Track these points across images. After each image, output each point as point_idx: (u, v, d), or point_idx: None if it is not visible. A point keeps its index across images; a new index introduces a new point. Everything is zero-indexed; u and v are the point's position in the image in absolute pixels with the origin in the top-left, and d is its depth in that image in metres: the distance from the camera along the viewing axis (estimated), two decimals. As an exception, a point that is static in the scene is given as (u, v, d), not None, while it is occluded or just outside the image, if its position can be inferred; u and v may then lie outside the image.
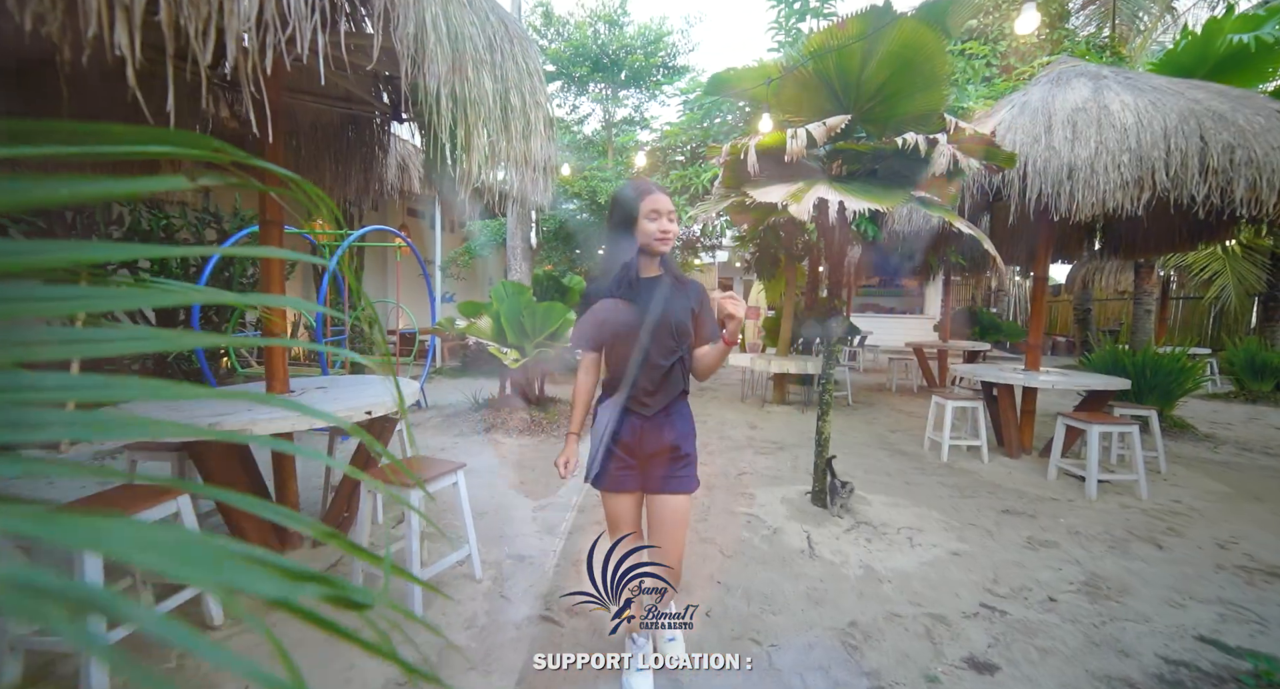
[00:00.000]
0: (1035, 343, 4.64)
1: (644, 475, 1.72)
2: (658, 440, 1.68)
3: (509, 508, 3.33)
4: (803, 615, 2.25)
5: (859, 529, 3.13)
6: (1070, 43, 9.01)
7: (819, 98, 3.07)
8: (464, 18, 1.77)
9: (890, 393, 8.17)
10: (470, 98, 1.77)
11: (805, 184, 2.84)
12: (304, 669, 1.88)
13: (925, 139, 2.57)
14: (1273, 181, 3.11)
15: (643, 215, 1.61)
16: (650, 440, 1.68)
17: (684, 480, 1.69)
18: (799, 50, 3.54)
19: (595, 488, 1.74)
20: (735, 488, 3.79)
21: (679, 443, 1.69)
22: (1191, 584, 2.51)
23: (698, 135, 7.54)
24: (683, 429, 1.71)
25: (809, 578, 2.55)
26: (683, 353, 1.69)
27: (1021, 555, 2.83)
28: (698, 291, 1.73)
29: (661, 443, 1.68)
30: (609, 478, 1.71)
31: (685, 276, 1.74)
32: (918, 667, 1.94)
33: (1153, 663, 1.94)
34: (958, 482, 4.03)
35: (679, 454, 1.69)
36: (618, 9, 8.63)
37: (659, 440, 1.68)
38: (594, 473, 1.73)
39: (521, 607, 2.27)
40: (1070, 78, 3.95)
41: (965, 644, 2.07)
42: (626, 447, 1.69)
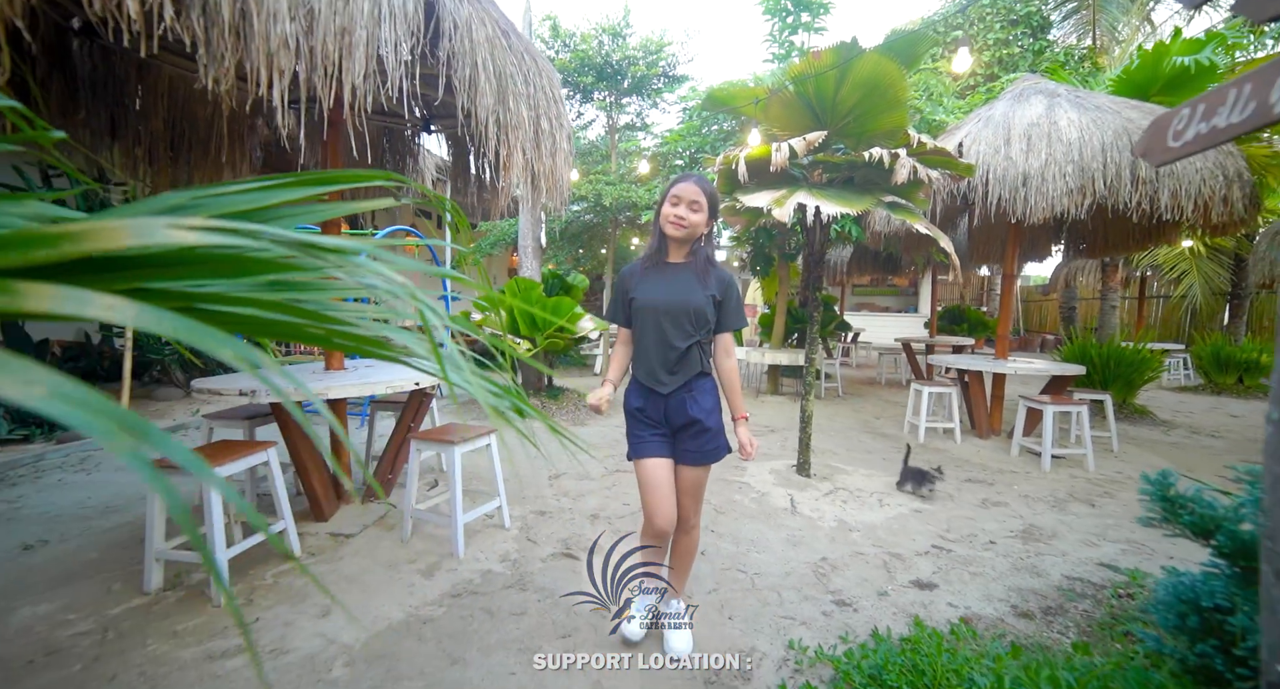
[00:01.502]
0: (1004, 334, 5.08)
1: (675, 446, 1.78)
2: (683, 416, 1.73)
3: (529, 476, 3.76)
4: (782, 553, 2.68)
5: (837, 493, 3.56)
6: (1051, 53, 9.46)
7: (800, 115, 3.51)
8: (506, 59, 2.21)
9: (880, 386, 8.61)
10: (510, 124, 2.21)
11: (788, 191, 3.27)
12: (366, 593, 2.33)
13: (889, 153, 3.01)
14: (1189, 191, 3.57)
15: (667, 200, 1.71)
16: (676, 416, 1.74)
17: (709, 454, 1.75)
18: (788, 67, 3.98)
19: (630, 458, 1.80)
20: (729, 462, 4.22)
21: (703, 417, 1.73)
22: (1109, 530, 2.96)
23: (696, 142, 7.98)
24: (705, 405, 1.75)
25: (789, 528, 2.99)
26: (700, 337, 1.73)
27: (974, 512, 3.27)
28: (723, 281, 1.76)
29: (687, 417, 1.73)
30: (643, 447, 1.76)
31: (714, 265, 1.78)
32: (873, 587, 2.37)
33: (1057, 579, 2.39)
34: (930, 458, 4.46)
35: (703, 428, 1.74)
36: (621, 22, 9.11)
37: (684, 416, 1.73)
38: (634, 445, 1.79)
39: (546, 547, 2.71)
40: (1030, 94, 4.39)
41: (914, 572, 2.51)
42: (654, 421, 1.77)
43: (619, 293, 1.82)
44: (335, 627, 1.99)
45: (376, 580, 2.33)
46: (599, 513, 3.13)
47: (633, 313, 1.77)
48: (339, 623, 2.01)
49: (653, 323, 1.72)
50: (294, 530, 2.51)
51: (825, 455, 4.41)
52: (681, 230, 1.70)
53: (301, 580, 2.29)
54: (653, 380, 1.74)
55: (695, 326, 1.72)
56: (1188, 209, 3.60)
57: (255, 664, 1.77)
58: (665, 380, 1.73)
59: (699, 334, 1.73)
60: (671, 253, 1.77)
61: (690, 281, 1.73)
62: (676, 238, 1.72)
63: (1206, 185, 3.61)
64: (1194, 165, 3.62)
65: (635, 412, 1.80)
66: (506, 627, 2.02)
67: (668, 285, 1.73)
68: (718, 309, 1.76)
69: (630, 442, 1.82)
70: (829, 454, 4.47)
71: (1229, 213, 3.70)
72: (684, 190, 1.68)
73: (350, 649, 1.87)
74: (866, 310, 16.69)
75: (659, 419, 1.76)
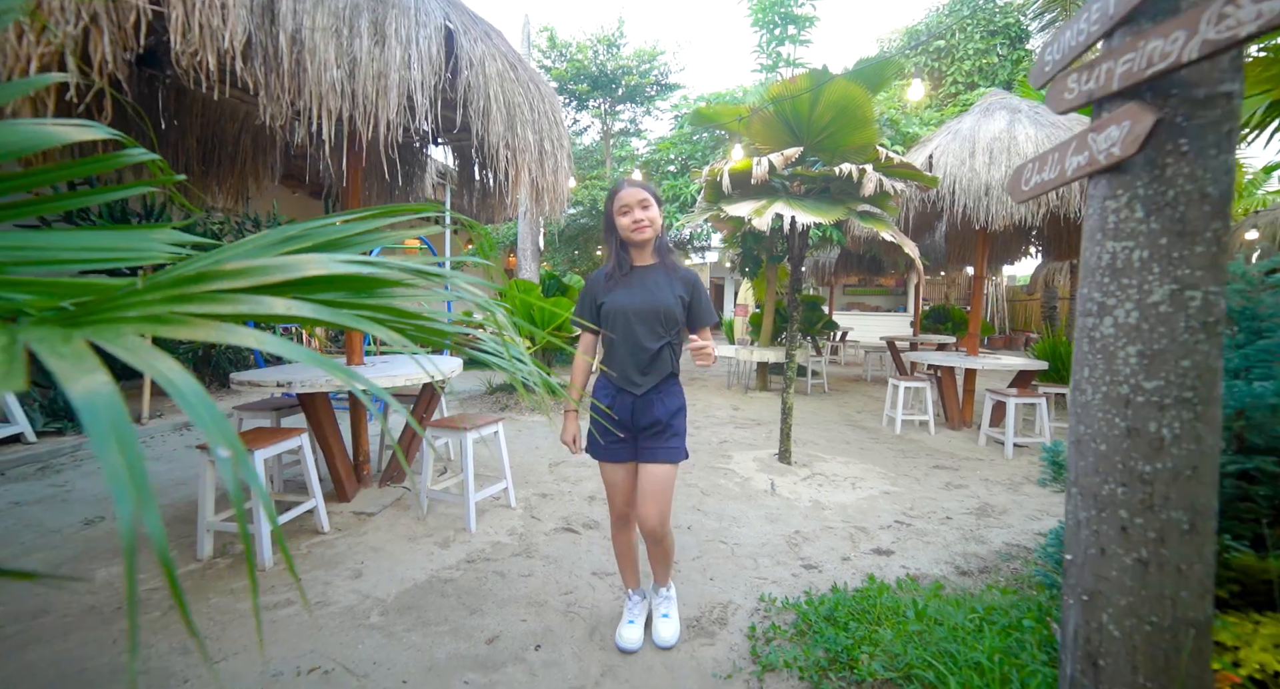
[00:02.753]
0: (974, 332, 5.43)
1: (635, 447, 1.82)
2: (649, 416, 1.77)
3: (529, 464, 4.07)
4: (760, 527, 3.00)
5: (814, 478, 3.89)
6: (1029, 62, 9.85)
7: (779, 132, 3.84)
8: (515, 89, 2.51)
9: (865, 382, 8.95)
10: (519, 147, 2.51)
11: (768, 201, 3.60)
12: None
13: (856, 168, 3.34)
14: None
15: (616, 214, 1.72)
16: (642, 416, 1.78)
17: (670, 451, 1.78)
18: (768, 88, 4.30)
19: (593, 458, 1.89)
20: (716, 452, 4.54)
21: (668, 419, 1.78)
22: (1056, 507, 3.29)
23: (686, 150, 8.32)
24: (671, 406, 1.80)
25: (768, 507, 3.31)
26: (670, 338, 1.77)
27: (937, 493, 3.60)
28: (689, 280, 1.81)
29: (652, 417, 1.77)
30: (605, 450, 1.83)
31: (678, 266, 1.82)
32: (838, 554, 2.69)
33: (999, 546, 2.72)
34: (903, 448, 4.80)
35: (667, 428, 1.79)
36: (616, 32, 9.45)
37: (650, 416, 1.77)
38: (593, 445, 1.86)
39: (548, 523, 3.02)
40: (995, 109, 4.74)
41: (875, 542, 2.83)
42: (620, 423, 1.80)
43: (586, 299, 1.83)
44: (368, 585, 2.29)
45: (399, 550, 2.63)
46: (595, 495, 3.44)
47: (604, 317, 1.78)
48: (371, 582, 2.31)
49: (624, 325, 1.75)
50: (323, 508, 2.81)
51: (807, 445, 4.73)
52: (644, 233, 1.72)
53: (334, 549, 2.60)
54: (626, 381, 1.78)
55: (665, 328, 1.76)
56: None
57: (305, 604, 2.06)
58: (638, 381, 1.77)
59: (669, 335, 1.77)
60: (636, 257, 1.80)
61: (660, 282, 1.76)
62: (643, 240, 1.75)
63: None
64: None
65: (602, 412, 1.82)
66: (516, 585, 2.33)
67: (638, 288, 1.76)
68: (687, 310, 1.81)
69: (590, 440, 1.86)
70: (810, 444, 4.80)
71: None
72: (629, 196, 1.70)
73: (383, 602, 2.18)
74: (857, 309, 17.04)
75: (625, 419, 1.79)
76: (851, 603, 2.02)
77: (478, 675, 1.78)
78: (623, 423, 1.79)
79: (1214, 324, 0.95)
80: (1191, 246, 0.95)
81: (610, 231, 1.79)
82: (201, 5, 1.70)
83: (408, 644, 1.92)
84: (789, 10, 7.37)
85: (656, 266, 1.79)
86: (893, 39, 11.47)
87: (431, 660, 1.84)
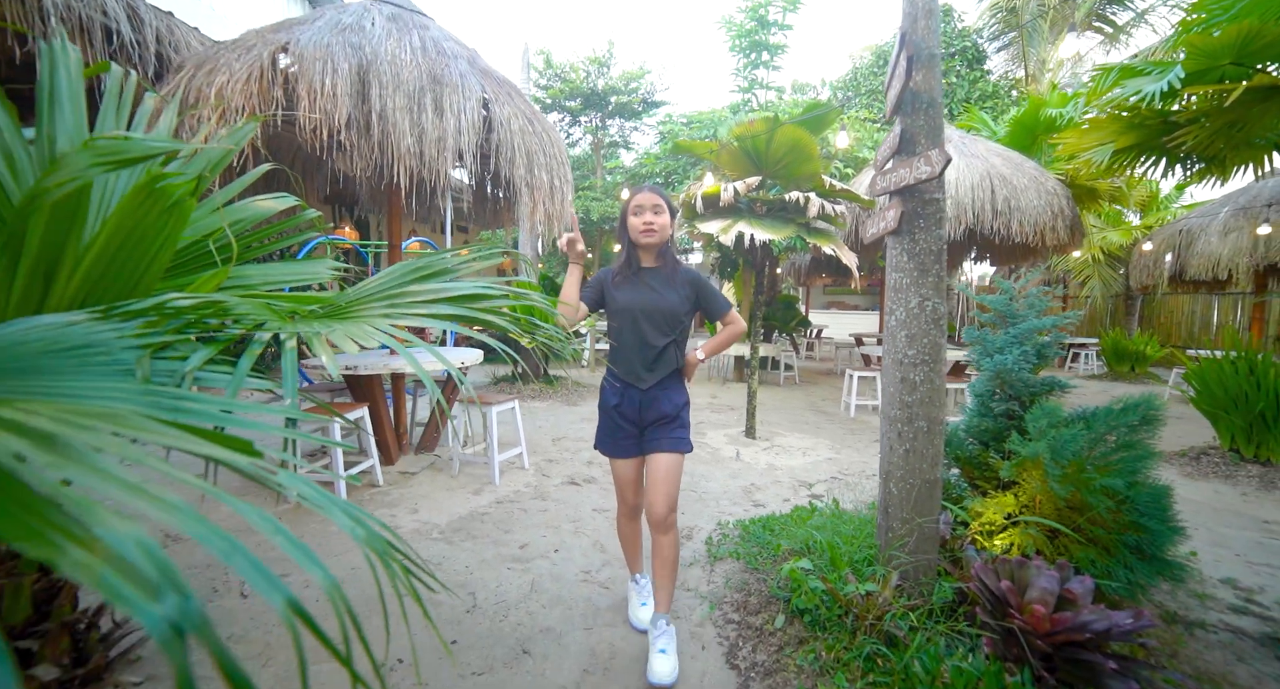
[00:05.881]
0: (917, 329, 6.27)
1: (643, 440, 1.88)
2: (656, 410, 1.84)
3: (535, 439, 4.84)
4: (723, 482, 3.80)
5: (773, 448, 4.70)
6: (984, 84, 10.76)
7: (743, 163, 4.64)
8: (532, 140, 3.27)
9: (835, 376, 9.81)
10: (535, 185, 3.27)
11: (733, 220, 4.40)
12: None
13: (802, 195, 4.15)
14: (1026, 221, 4.78)
15: (630, 213, 1.80)
16: (649, 410, 1.85)
17: (677, 441, 1.83)
18: (732, 128, 5.10)
19: (603, 454, 1.97)
20: (693, 431, 5.32)
21: (675, 412, 1.85)
22: (957, 466, 4.14)
23: (669, 165, 9.13)
24: (678, 400, 1.87)
25: (732, 468, 4.11)
26: (676, 336, 1.84)
27: (870, 459, 4.43)
28: (693, 281, 1.87)
29: (659, 412, 1.84)
30: (615, 445, 1.90)
31: (682, 267, 1.89)
32: (781, 497, 3.50)
33: (901, 488, 3.55)
34: (853, 427, 5.64)
35: (674, 420, 1.85)
36: (606, 53, 10.23)
37: (657, 410, 1.84)
38: (604, 443, 1.94)
39: (556, 479, 3.79)
40: (930, 139, 5.58)
41: (812, 491, 3.65)
42: (628, 417, 1.86)
43: (595, 285, 1.93)
44: (425, 517, 3.06)
45: (442, 497, 3.40)
46: (593, 460, 4.22)
47: (612, 315, 1.89)
48: (427, 515, 3.08)
49: (631, 323, 1.83)
50: (379, 467, 3.56)
51: (771, 425, 5.55)
52: (653, 236, 1.78)
53: (390, 496, 3.35)
54: (633, 377, 1.84)
55: (670, 327, 1.82)
56: (1030, 234, 4.82)
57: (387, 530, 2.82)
58: (645, 377, 1.83)
59: (674, 333, 1.84)
60: (643, 259, 1.86)
61: (664, 284, 1.83)
62: (650, 243, 1.80)
63: (1040, 217, 4.83)
64: (1031, 202, 4.84)
65: (611, 410, 1.90)
66: (535, 517, 3.11)
67: (644, 289, 1.83)
68: (698, 305, 1.89)
69: (600, 437, 1.95)
70: (774, 425, 5.62)
71: (1057, 237, 4.92)
72: (644, 199, 1.78)
73: (439, 526, 2.94)
74: (836, 308, 17.89)
75: (632, 416, 1.86)
76: (782, 520, 2.83)
77: (517, 565, 2.56)
78: (630, 417, 1.87)
79: (940, 320, 1.76)
80: (927, 277, 1.75)
81: (623, 230, 1.87)
82: (320, 96, 2.45)
83: (463, 549, 2.70)
84: (763, 39, 8.19)
85: (660, 270, 1.86)
86: (863, 56, 12.36)
87: (482, 558, 2.62)
